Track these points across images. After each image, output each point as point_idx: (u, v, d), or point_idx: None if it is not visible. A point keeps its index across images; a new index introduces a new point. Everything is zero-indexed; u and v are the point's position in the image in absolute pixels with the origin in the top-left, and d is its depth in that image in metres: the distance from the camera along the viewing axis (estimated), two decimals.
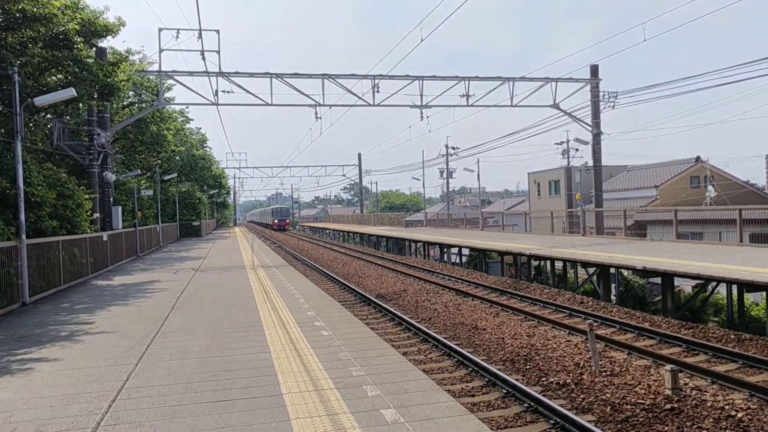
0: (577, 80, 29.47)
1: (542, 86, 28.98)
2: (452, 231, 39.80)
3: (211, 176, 63.16)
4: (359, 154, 79.94)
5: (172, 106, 40.17)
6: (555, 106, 29.43)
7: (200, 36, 23.53)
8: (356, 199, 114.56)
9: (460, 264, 30.43)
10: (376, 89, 26.87)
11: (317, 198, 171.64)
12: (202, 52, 24.31)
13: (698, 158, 40.38)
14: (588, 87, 29.46)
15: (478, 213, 47.14)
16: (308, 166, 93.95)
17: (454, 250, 31.15)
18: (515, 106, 28.64)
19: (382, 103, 27.43)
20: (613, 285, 18.33)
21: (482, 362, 9.65)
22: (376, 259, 31.95)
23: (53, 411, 5.72)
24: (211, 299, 13.08)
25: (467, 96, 27.80)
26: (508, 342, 11.48)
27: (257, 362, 7.33)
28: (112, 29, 20.63)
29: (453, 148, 55.82)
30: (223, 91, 26.47)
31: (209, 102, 26.28)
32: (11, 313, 11.93)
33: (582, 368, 9.38)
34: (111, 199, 25.03)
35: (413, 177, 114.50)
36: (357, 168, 79.30)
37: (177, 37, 24.38)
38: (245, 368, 7.07)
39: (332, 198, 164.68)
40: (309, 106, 27.33)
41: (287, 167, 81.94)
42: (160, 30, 24.65)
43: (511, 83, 28.23)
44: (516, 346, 11.08)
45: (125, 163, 34.95)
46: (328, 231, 73.32)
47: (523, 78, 28.60)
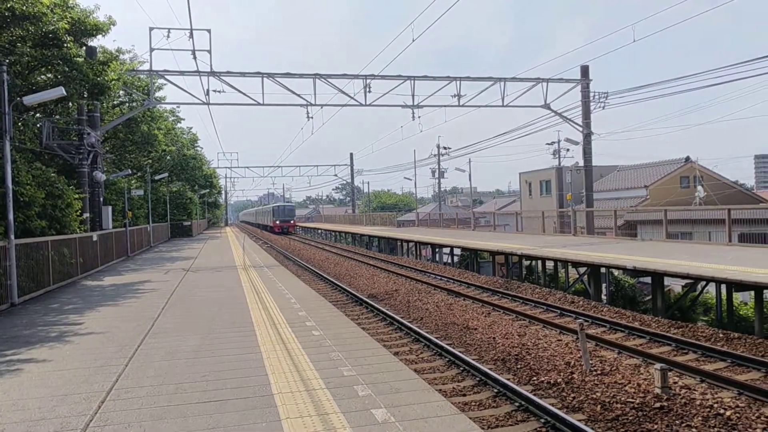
0: (568, 81, 29.60)
1: (533, 86, 29.10)
2: (444, 231, 39.85)
3: (203, 176, 62.91)
4: (351, 154, 79.84)
5: (163, 106, 40.00)
6: (546, 107, 29.55)
7: (191, 35, 23.46)
8: (348, 199, 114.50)
9: (452, 264, 30.48)
10: (368, 89, 26.88)
11: (309, 198, 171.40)
12: (193, 52, 24.23)
13: (688, 158, 40.69)
14: (579, 87, 29.59)
15: (470, 213, 47.23)
16: (300, 166, 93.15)
17: (446, 250, 31.20)
18: (506, 107, 28.73)
19: (374, 103, 27.44)
20: (604, 285, 18.41)
21: (473, 362, 9.67)
22: (368, 259, 31.94)
23: (42, 412, 5.68)
24: (202, 299, 13.04)
25: (459, 96, 27.86)
26: (500, 341, 11.51)
27: (248, 362, 7.31)
28: (102, 28, 20.51)
29: (445, 148, 55.95)
30: (215, 91, 26.35)
31: (200, 101, 26.19)
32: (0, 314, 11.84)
33: (573, 367, 9.42)
34: (101, 199, 24.87)
35: (405, 177, 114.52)
36: (349, 168, 79.32)
37: (168, 37, 24.28)
38: (236, 368, 7.05)
39: (324, 198, 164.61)
40: (301, 106, 27.31)
41: (279, 167, 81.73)
42: (151, 29, 24.54)
43: (503, 83, 28.31)
44: (507, 346, 11.11)
45: (115, 163, 34.76)
46: (320, 231, 73.27)
47: (515, 78, 28.70)
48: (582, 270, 18.41)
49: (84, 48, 20.33)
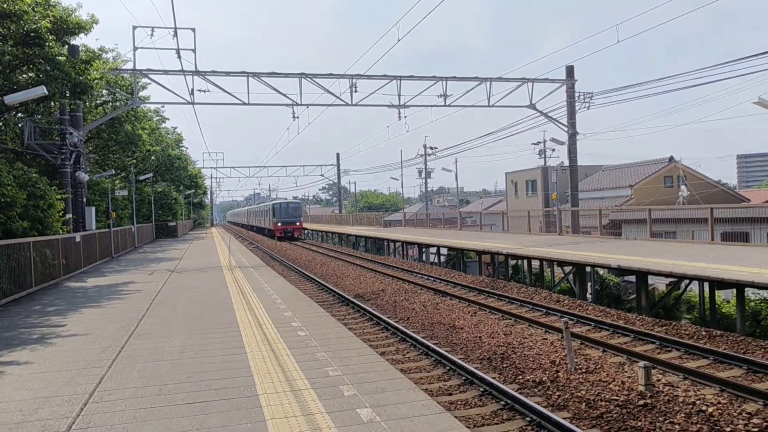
0: (553, 81, 29.78)
1: (519, 87, 29.23)
2: (431, 231, 39.92)
3: (188, 176, 62.42)
4: (337, 154, 79.78)
5: (147, 105, 39.63)
6: (531, 107, 29.70)
7: (175, 34, 23.29)
8: (335, 200, 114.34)
9: (439, 263, 30.54)
10: (354, 89, 26.84)
11: (296, 198, 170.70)
12: (178, 51, 24.04)
13: (671, 158, 41.12)
14: (564, 88, 29.78)
15: (457, 213, 47.36)
16: (286, 166, 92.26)
17: (433, 250, 31.26)
18: (492, 107, 28.85)
19: (360, 103, 27.42)
20: (589, 283, 18.56)
21: (459, 361, 9.69)
22: (355, 259, 31.90)
23: (23, 415, 5.60)
24: (187, 300, 12.94)
25: (445, 96, 27.91)
26: (486, 341, 11.54)
27: (233, 363, 7.26)
28: (85, 27, 20.26)
29: (431, 148, 56.10)
30: (200, 90, 26.16)
31: (185, 101, 26.01)
32: None
33: (558, 366, 9.47)
34: (84, 200, 24.61)
35: (392, 177, 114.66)
36: (335, 168, 79.20)
37: (152, 36, 24.09)
38: (221, 369, 7.00)
39: (311, 198, 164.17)
40: (286, 106, 27.22)
41: (265, 167, 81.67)
42: (135, 28, 24.34)
43: (488, 83, 28.42)
44: (493, 345, 11.15)
45: (99, 163, 34.40)
46: (306, 231, 73.11)
47: (500, 78, 28.82)
48: (567, 269, 18.53)
49: (66, 47, 20.09)
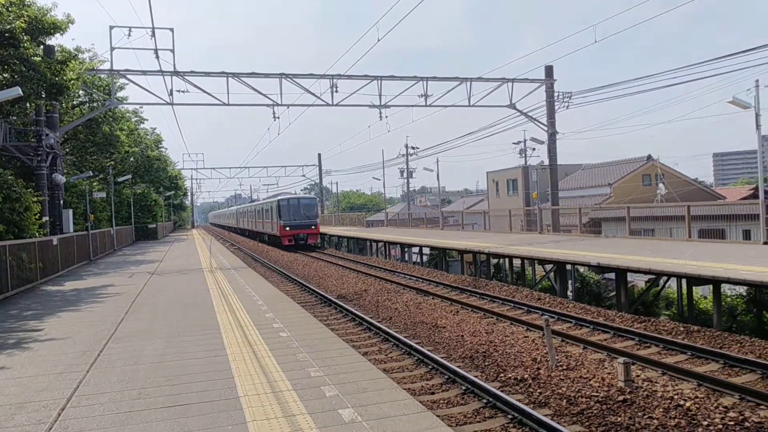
0: (533, 81, 29.99)
1: (499, 86, 29.37)
2: (413, 230, 39.99)
3: (167, 177, 61.80)
4: (319, 155, 79.51)
5: (125, 106, 39.17)
6: (512, 106, 29.88)
7: (153, 34, 23.01)
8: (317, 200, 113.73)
9: (421, 263, 30.60)
10: (335, 89, 26.77)
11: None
12: (156, 51, 23.75)
13: (649, 157, 41.68)
14: (543, 87, 30.01)
15: (439, 212, 47.51)
16: (267, 167, 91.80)
17: (415, 250, 31.31)
18: (473, 106, 28.96)
19: (341, 103, 27.35)
20: (570, 281, 18.72)
21: (442, 360, 9.73)
22: (337, 260, 31.84)
23: None
24: (167, 303, 12.81)
25: (425, 96, 27.94)
26: (468, 339, 11.59)
27: (214, 365, 7.21)
28: (61, 27, 19.96)
29: (413, 148, 56.13)
30: (179, 91, 25.90)
31: (164, 102, 25.72)
32: None
33: (539, 363, 9.54)
34: (61, 202, 24.24)
35: (374, 177, 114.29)
36: (317, 168, 78.95)
37: (129, 35, 23.77)
38: (201, 372, 6.95)
39: None
40: (267, 106, 27.06)
41: (246, 168, 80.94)
42: (112, 28, 23.99)
43: (469, 83, 28.52)
44: (475, 343, 11.20)
45: (76, 165, 33.91)
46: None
47: (480, 78, 28.94)
48: (548, 267, 18.69)
49: (41, 47, 19.78)
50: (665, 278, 15.12)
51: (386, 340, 11.87)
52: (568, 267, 17.96)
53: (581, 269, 19.89)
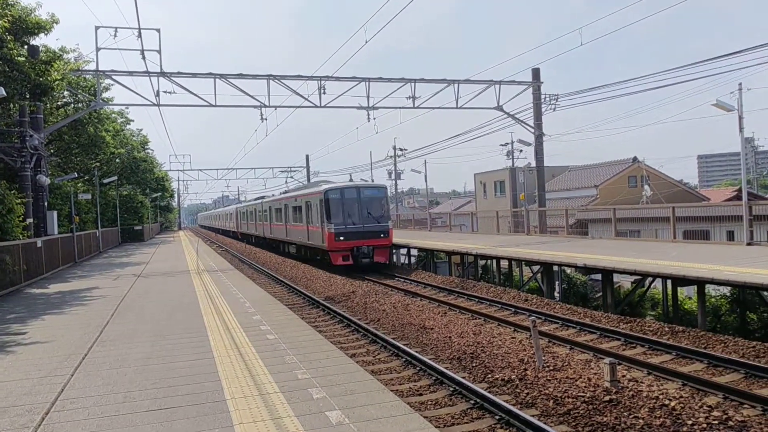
0: (520, 83, 30.12)
1: (486, 89, 29.46)
2: (401, 232, 40.02)
3: (154, 179, 61.35)
4: (307, 156, 79.10)
5: (111, 107, 38.84)
6: (499, 108, 29.99)
7: (140, 35, 22.81)
8: None
9: (409, 264, 30.63)
10: (323, 90, 26.70)
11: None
12: (142, 52, 23.56)
13: (635, 159, 42.04)
14: (530, 90, 30.16)
15: (427, 213, 47.59)
16: (255, 168, 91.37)
17: (403, 251, 31.32)
18: (461, 108, 29.01)
19: (329, 105, 27.29)
20: (557, 282, 18.82)
21: (430, 361, 9.74)
22: (325, 262, 31.73)
23: None
24: (153, 306, 12.71)
25: (413, 98, 27.97)
26: (456, 340, 11.61)
27: (200, 368, 7.16)
28: (45, 26, 19.78)
29: (401, 150, 56.13)
30: (165, 92, 25.70)
31: (150, 103, 25.53)
32: None
33: (526, 364, 9.58)
34: (45, 204, 23.97)
35: (362, 179, 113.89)
36: (305, 170, 78.72)
37: (115, 36, 23.56)
38: (188, 375, 6.90)
39: None
40: (254, 107, 26.92)
41: (233, 169, 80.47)
42: (97, 28, 23.76)
43: (456, 85, 28.58)
44: (463, 345, 11.22)
45: (61, 166, 33.56)
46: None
47: (468, 80, 29.02)
48: (535, 268, 18.78)
49: (26, 47, 19.58)
50: (651, 279, 15.26)
51: (374, 342, 11.86)
52: (555, 268, 18.07)
53: (568, 270, 20.02)
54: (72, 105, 31.19)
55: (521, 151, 51.65)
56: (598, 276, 16.98)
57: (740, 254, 15.07)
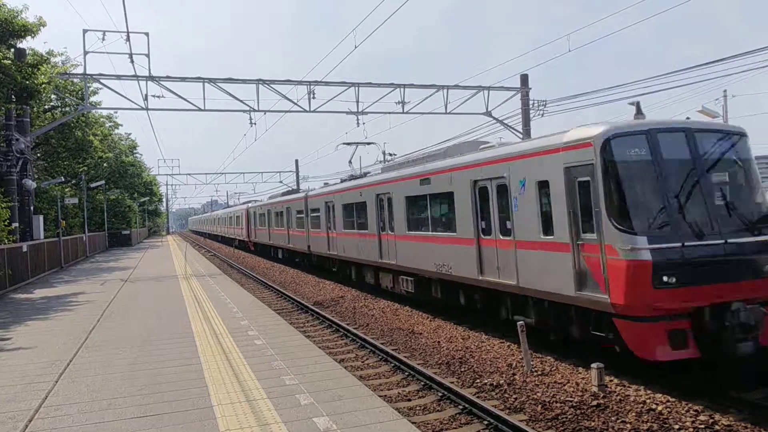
0: (508, 89, 30.25)
1: (475, 94, 29.56)
2: None
3: (142, 183, 60.99)
4: (296, 161, 78.87)
5: (99, 111, 38.60)
6: (488, 114, 30.10)
7: (128, 39, 22.70)
8: None
9: None
10: (312, 95, 26.68)
11: None
12: (131, 56, 23.42)
13: None
14: (519, 95, 30.32)
15: None
16: (244, 173, 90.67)
17: None
18: (450, 114, 29.08)
19: (318, 110, 27.26)
20: None
21: (418, 366, 9.71)
22: (312, 267, 31.64)
23: None
24: (140, 311, 12.62)
25: (403, 103, 28.02)
26: (444, 345, 11.60)
27: (187, 374, 7.11)
28: (32, 29, 19.66)
29: (390, 155, 56.18)
30: (154, 96, 25.57)
31: (139, 107, 25.38)
32: None
33: (515, 369, 9.59)
34: (31, 208, 23.75)
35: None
36: (294, 174, 78.55)
37: (103, 40, 23.42)
38: (174, 381, 6.84)
39: None
40: (243, 112, 26.84)
41: (222, 174, 79.72)
42: (85, 32, 23.60)
43: (446, 91, 28.66)
44: (452, 350, 11.21)
45: (47, 170, 33.29)
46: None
47: (457, 86, 29.11)
48: None
49: (12, 50, 19.43)
50: None
51: (363, 347, 11.82)
52: None
53: None
54: (59, 109, 30.99)
55: None
56: None
57: None
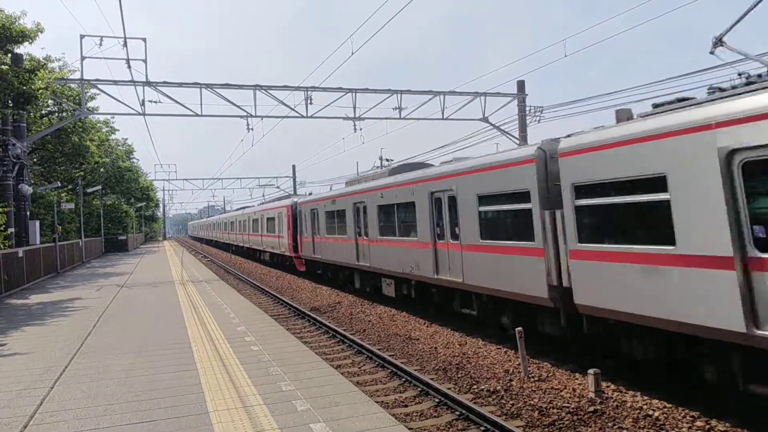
0: (505, 95, 30.35)
1: (472, 100, 29.67)
2: None
3: (139, 188, 60.87)
4: (293, 166, 78.92)
5: (96, 116, 38.57)
6: (484, 120, 30.19)
7: (125, 44, 22.73)
8: None
9: None
10: (309, 101, 26.74)
11: None
12: (128, 61, 23.45)
13: None
14: (515, 101, 30.41)
15: None
16: (241, 178, 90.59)
17: None
18: (447, 119, 29.16)
19: (316, 115, 27.32)
20: None
21: (415, 372, 9.70)
22: (310, 273, 31.59)
23: None
24: (137, 316, 12.58)
25: (400, 109, 28.11)
26: (441, 351, 11.59)
27: (183, 380, 7.09)
28: (30, 35, 19.64)
29: (387, 160, 56.24)
30: (151, 101, 25.58)
31: (136, 112, 25.39)
32: None
33: (511, 374, 9.59)
34: (27, 213, 23.71)
35: None
36: (291, 180, 78.53)
37: (101, 45, 23.45)
38: (170, 387, 6.82)
39: None
40: (240, 117, 26.87)
41: (219, 179, 79.62)
42: (82, 37, 23.64)
43: (442, 97, 28.76)
44: (449, 355, 11.21)
45: (44, 175, 33.23)
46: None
47: (453, 92, 29.21)
48: None
49: (9, 55, 19.42)
50: None
51: (360, 353, 11.81)
52: None
53: None
54: (56, 114, 30.98)
55: None
56: None
57: None
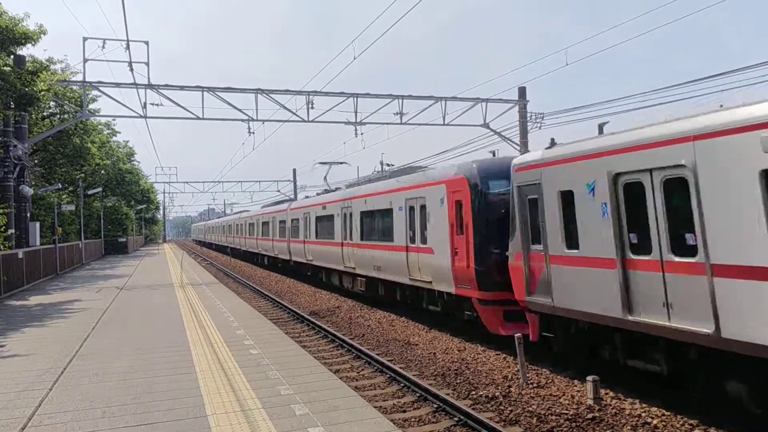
0: (506, 101, 30.40)
1: (473, 106, 29.71)
2: None
3: (139, 191, 60.94)
4: (294, 170, 78.86)
5: (98, 118, 38.64)
6: (485, 126, 30.23)
7: (128, 47, 22.80)
8: None
9: None
10: (311, 105, 26.80)
11: None
12: (130, 64, 23.53)
13: None
14: (516, 107, 30.45)
15: None
16: (242, 182, 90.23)
17: None
18: (448, 125, 29.20)
19: (317, 120, 27.39)
20: None
21: (414, 378, 9.70)
22: (309, 277, 31.59)
23: None
24: (136, 319, 12.58)
25: (401, 114, 28.16)
26: (440, 357, 11.59)
27: (182, 383, 7.09)
28: (32, 37, 19.70)
29: (388, 165, 56.29)
30: (152, 104, 25.63)
31: (137, 114, 25.44)
32: None
33: (510, 381, 9.58)
34: (28, 215, 23.74)
35: None
36: (292, 184, 78.53)
37: (103, 48, 23.52)
38: (169, 390, 6.82)
39: None
40: (242, 121, 26.94)
41: (219, 182, 79.63)
42: (85, 39, 23.72)
43: (444, 102, 28.80)
44: (447, 361, 11.20)
45: (45, 177, 33.27)
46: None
47: (455, 98, 29.26)
48: None
49: (12, 57, 19.47)
50: None
51: (358, 358, 11.80)
52: None
53: None
54: (58, 116, 31.03)
55: None
56: None
57: None
